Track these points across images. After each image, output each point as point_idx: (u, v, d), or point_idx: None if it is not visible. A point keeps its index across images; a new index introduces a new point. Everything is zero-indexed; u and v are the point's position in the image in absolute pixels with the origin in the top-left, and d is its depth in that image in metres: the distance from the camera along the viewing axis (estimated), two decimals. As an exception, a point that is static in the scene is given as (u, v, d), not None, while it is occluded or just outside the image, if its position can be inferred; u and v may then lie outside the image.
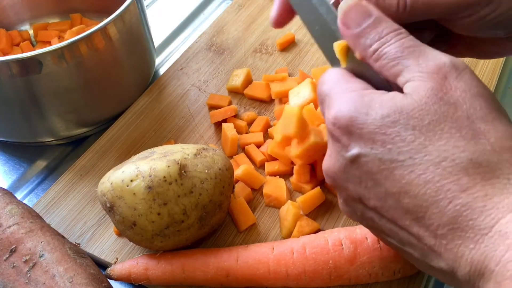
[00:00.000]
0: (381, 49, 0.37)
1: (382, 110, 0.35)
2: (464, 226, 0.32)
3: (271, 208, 0.61)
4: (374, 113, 0.36)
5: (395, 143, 0.35)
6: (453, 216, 0.33)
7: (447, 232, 0.33)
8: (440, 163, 0.33)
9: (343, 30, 0.39)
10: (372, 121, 0.36)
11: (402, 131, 0.35)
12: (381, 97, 0.36)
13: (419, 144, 0.34)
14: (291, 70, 0.77)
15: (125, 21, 0.68)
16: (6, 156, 0.73)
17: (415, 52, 0.37)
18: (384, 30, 0.38)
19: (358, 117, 0.36)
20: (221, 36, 0.84)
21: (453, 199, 0.33)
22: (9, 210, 0.53)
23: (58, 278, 0.48)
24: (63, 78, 0.64)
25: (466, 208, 0.32)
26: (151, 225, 0.50)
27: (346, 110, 0.37)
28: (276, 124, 0.68)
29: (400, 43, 0.37)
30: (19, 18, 0.86)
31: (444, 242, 0.33)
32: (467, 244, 0.32)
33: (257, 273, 0.52)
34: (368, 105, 0.36)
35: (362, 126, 0.36)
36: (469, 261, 0.32)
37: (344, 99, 0.38)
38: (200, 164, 0.52)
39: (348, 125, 0.37)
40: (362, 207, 0.38)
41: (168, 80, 0.78)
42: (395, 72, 0.37)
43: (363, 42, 0.38)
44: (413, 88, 0.35)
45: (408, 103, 0.35)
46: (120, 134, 0.70)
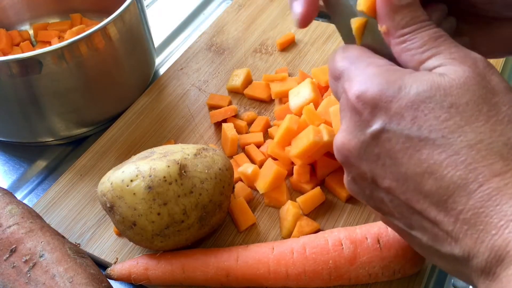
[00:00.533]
0: (413, 33, 0.36)
1: (417, 85, 0.34)
2: (489, 211, 0.31)
3: (271, 208, 0.61)
4: (408, 87, 0.34)
5: (427, 120, 0.33)
6: (481, 200, 0.31)
7: (470, 216, 0.32)
8: (475, 145, 0.32)
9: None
10: (404, 96, 0.34)
11: (438, 108, 0.33)
12: (413, 73, 0.35)
13: (454, 123, 0.33)
14: (291, 70, 0.77)
15: (125, 21, 0.68)
16: (6, 156, 0.73)
17: (447, 42, 0.36)
18: (420, 16, 0.37)
19: (388, 90, 0.35)
20: (221, 36, 0.84)
21: (484, 183, 0.32)
22: (9, 210, 0.53)
23: (58, 278, 0.48)
24: (63, 78, 0.64)
25: (496, 193, 0.31)
26: (151, 225, 0.50)
27: (375, 83, 0.35)
28: (276, 124, 0.68)
29: (433, 31, 0.36)
30: (19, 18, 0.86)
31: (465, 227, 0.32)
32: (489, 229, 0.31)
33: (257, 273, 0.52)
34: (399, 79, 0.35)
35: (392, 100, 0.34)
36: (489, 247, 0.31)
37: (371, 72, 0.36)
38: (200, 164, 0.52)
39: (375, 98, 0.35)
40: (373, 186, 0.37)
41: (168, 80, 0.78)
42: (422, 58, 0.36)
43: (398, 19, 0.37)
44: (449, 70, 0.34)
45: (446, 80, 0.34)
46: (120, 134, 0.70)
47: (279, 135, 0.62)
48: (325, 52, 0.80)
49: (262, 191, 0.60)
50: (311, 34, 0.83)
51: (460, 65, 0.34)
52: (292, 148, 0.60)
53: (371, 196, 0.38)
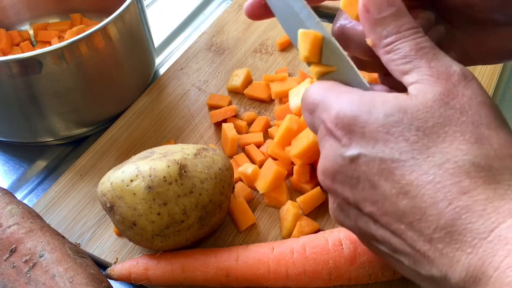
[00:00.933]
0: (396, 43, 0.37)
1: (385, 109, 0.35)
2: (462, 230, 0.32)
3: (271, 208, 0.61)
4: (377, 111, 0.35)
5: (398, 143, 0.34)
6: (451, 218, 0.32)
7: (444, 235, 0.32)
8: (442, 164, 0.33)
9: (362, 12, 0.38)
10: (375, 120, 0.35)
11: (406, 131, 0.34)
12: (383, 96, 0.36)
13: (422, 145, 0.34)
14: (291, 70, 0.77)
15: (125, 21, 0.68)
16: (6, 156, 0.73)
17: (428, 54, 0.36)
18: (404, 25, 0.37)
19: (360, 116, 0.36)
20: (221, 36, 0.84)
21: (453, 201, 0.32)
22: (9, 210, 0.53)
23: (58, 278, 0.48)
24: (63, 78, 0.64)
25: (465, 211, 0.32)
26: (151, 225, 0.50)
27: (348, 109, 0.37)
28: (276, 124, 0.68)
29: (416, 42, 0.37)
30: (19, 18, 0.86)
31: (439, 246, 0.32)
32: (464, 248, 0.31)
33: (257, 273, 0.52)
34: (370, 103, 0.36)
35: (365, 125, 0.36)
36: (466, 266, 0.31)
37: (344, 99, 0.38)
38: (200, 164, 0.52)
39: (350, 124, 0.36)
40: (357, 212, 0.38)
41: (168, 80, 0.78)
42: (404, 69, 0.37)
43: (380, 31, 0.38)
44: (420, 90, 0.35)
45: (413, 104, 0.35)
46: (120, 134, 0.70)
47: (279, 135, 0.62)
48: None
49: (262, 191, 0.60)
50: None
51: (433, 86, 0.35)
52: (292, 148, 0.60)
53: (356, 222, 0.39)
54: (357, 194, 0.37)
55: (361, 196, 0.37)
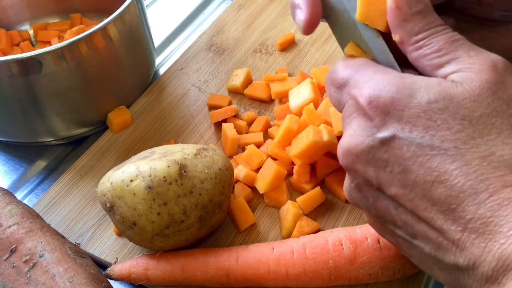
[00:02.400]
0: (429, 39, 0.36)
1: (429, 94, 0.34)
2: (499, 220, 0.31)
3: (271, 208, 0.61)
4: (420, 96, 0.34)
5: (440, 130, 0.33)
6: (491, 210, 0.32)
7: (479, 225, 0.32)
8: (487, 157, 0.33)
9: (392, 7, 0.37)
10: (417, 104, 0.34)
11: (450, 119, 0.33)
12: (425, 80, 0.35)
13: (467, 135, 0.33)
14: (291, 70, 0.77)
15: (125, 21, 0.68)
16: (6, 156, 0.73)
17: (465, 45, 0.36)
18: (434, 21, 0.37)
19: (400, 98, 0.35)
20: (221, 36, 0.84)
21: (495, 193, 0.32)
22: (9, 210, 0.53)
23: (58, 278, 0.48)
24: (63, 78, 0.64)
25: (507, 203, 0.31)
26: (151, 225, 0.50)
27: (387, 89, 0.35)
28: (276, 124, 0.68)
29: (449, 36, 0.36)
30: (19, 18, 0.86)
31: (473, 236, 0.32)
32: (498, 238, 0.31)
33: (257, 273, 0.52)
34: (411, 86, 0.35)
35: (404, 108, 0.34)
36: (497, 256, 0.31)
37: (382, 78, 0.36)
38: (200, 164, 0.52)
39: (387, 104, 0.35)
40: (378, 194, 0.37)
41: (168, 80, 0.78)
42: (440, 62, 0.36)
43: (410, 27, 0.37)
44: (465, 78, 0.34)
45: (459, 91, 0.34)
46: (120, 134, 0.71)
47: (279, 135, 0.62)
48: (325, 52, 0.80)
49: (262, 191, 0.60)
50: (311, 34, 0.82)
51: (477, 74, 0.34)
52: (292, 148, 0.60)
53: (374, 204, 0.38)
54: (383, 176, 0.36)
55: (387, 178, 0.36)
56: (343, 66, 0.40)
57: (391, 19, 0.38)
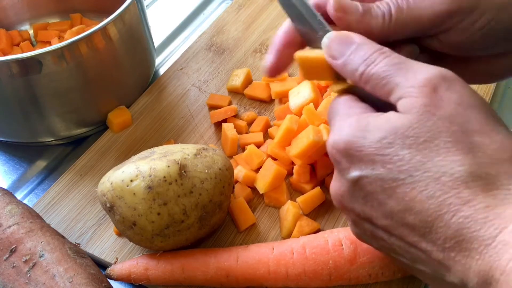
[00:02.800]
0: (368, 71, 0.38)
1: (379, 132, 0.36)
2: (469, 238, 0.32)
3: (271, 208, 0.61)
4: (371, 136, 0.36)
5: (394, 163, 0.35)
6: (457, 228, 0.33)
7: (454, 244, 0.33)
8: (439, 178, 0.34)
9: (331, 61, 0.40)
10: (370, 144, 0.36)
11: (399, 150, 0.35)
12: (376, 119, 0.37)
13: (417, 161, 0.34)
14: (291, 70, 0.77)
15: (125, 21, 0.68)
16: (6, 156, 0.73)
17: (402, 68, 0.37)
18: (367, 52, 0.39)
19: (355, 141, 0.37)
20: (221, 36, 0.84)
21: (456, 212, 0.33)
22: (9, 210, 0.53)
23: (58, 278, 0.48)
24: (63, 78, 0.64)
25: (469, 220, 0.33)
26: (151, 225, 0.50)
27: (343, 134, 0.38)
28: (276, 124, 0.68)
29: (386, 61, 0.38)
30: (19, 18, 0.86)
31: (452, 255, 0.33)
32: (473, 255, 0.32)
33: (257, 273, 0.52)
34: (364, 128, 0.37)
35: (361, 149, 0.37)
36: (477, 272, 0.32)
37: (342, 124, 0.39)
38: (200, 164, 0.52)
39: (346, 148, 0.37)
40: (372, 227, 0.39)
41: (168, 80, 0.78)
42: (387, 91, 0.38)
43: (350, 68, 0.39)
44: (406, 106, 0.36)
45: (402, 123, 0.36)
46: (120, 134, 0.71)
47: (279, 135, 0.62)
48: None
49: (262, 191, 0.60)
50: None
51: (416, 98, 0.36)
52: (292, 148, 0.60)
53: (373, 236, 0.39)
54: (368, 211, 0.38)
55: (371, 212, 0.38)
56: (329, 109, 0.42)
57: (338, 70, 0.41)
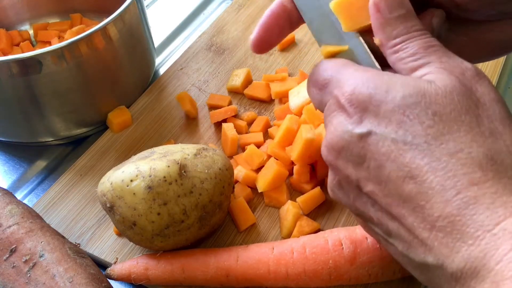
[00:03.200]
0: (406, 43, 0.37)
1: (404, 90, 0.35)
2: (466, 220, 0.31)
3: (271, 208, 0.61)
4: (395, 91, 0.35)
5: (412, 125, 0.34)
6: (458, 207, 0.32)
7: (446, 224, 0.32)
8: (455, 153, 0.33)
9: (373, 11, 0.39)
10: (392, 99, 0.35)
11: (422, 114, 0.34)
12: (402, 78, 0.36)
13: (437, 131, 0.33)
14: (291, 70, 0.77)
15: (125, 21, 0.68)
16: (6, 156, 0.73)
17: (438, 52, 0.37)
18: (413, 26, 0.38)
19: (377, 94, 0.35)
20: (221, 36, 0.84)
21: (462, 191, 0.32)
22: (9, 210, 0.53)
23: (58, 278, 0.48)
24: (63, 78, 0.64)
25: (474, 201, 0.32)
26: (151, 225, 0.50)
27: (365, 86, 0.36)
28: (276, 124, 0.68)
29: (425, 41, 0.37)
30: (19, 18, 0.86)
31: (440, 235, 0.32)
32: (465, 239, 0.31)
33: (257, 273, 0.52)
34: (388, 83, 0.36)
35: (380, 104, 0.35)
36: (465, 257, 0.31)
37: (360, 76, 0.37)
38: (200, 164, 0.52)
39: (365, 101, 0.36)
40: (357, 191, 0.37)
41: (168, 80, 0.78)
42: (413, 66, 0.37)
43: (389, 31, 0.38)
44: (437, 77, 0.35)
45: (432, 88, 0.34)
46: (120, 134, 0.71)
47: (279, 135, 0.62)
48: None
49: (261, 190, 0.60)
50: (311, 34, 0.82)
51: (448, 75, 0.35)
52: (293, 151, 0.60)
53: (354, 201, 0.38)
54: (360, 172, 0.36)
55: (363, 175, 0.36)
56: (325, 67, 0.40)
57: (373, 22, 0.39)
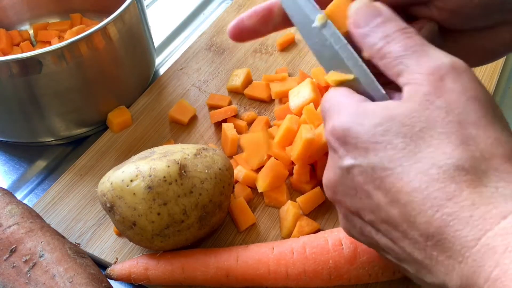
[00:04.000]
0: (386, 47, 0.37)
1: (375, 119, 0.35)
2: (451, 237, 0.31)
3: (271, 208, 0.61)
4: (367, 122, 0.36)
5: (386, 151, 0.34)
6: (440, 226, 0.31)
7: (435, 243, 0.32)
8: (428, 170, 0.33)
9: (352, 28, 0.39)
10: (366, 131, 0.35)
11: (394, 139, 0.34)
12: (374, 106, 0.37)
13: (409, 151, 0.34)
14: (291, 70, 0.77)
15: (125, 21, 0.68)
16: (6, 156, 0.73)
17: (417, 51, 0.36)
18: (391, 28, 0.38)
19: (352, 127, 0.36)
20: (221, 36, 0.84)
21: (440, 208, 0.32)
22: (9, 210, 0.53)
23: (58, 278, 0.48)
24: (63, 78, 0.64)
25: (452, 218, 0.31)
26: (151, 225, 0.50)
27: (342, 121, 0.37)
28: (276, 124, 0.68)
29: (404, 42, 0.37)
30: (19, 18, 0.86)
31: (434, 254, 0.32)
32: (455, 257, 0.31)
33: (257, 273, 0.52)
34: (362, 115, 0.36)
35: (357, 136, 0.36)
36: (460, 275, 0.31)
37: (342, 111, 0.38)
38: (200, 164, 0.52)
39: (344, 135, 0.37)
40: (361, 221, 0.38)
41: (168, 80, 0.78)
42: (397, 71, 0.37)
43: (370, 40, 0.38)
44: (409, 92, 0.35)
45: (401, 111, 0.35)
46: (120, 134, 0.71)
47: (279, 135, 0.62)
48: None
49: (261, 190, 0.60)
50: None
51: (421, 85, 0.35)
52: (292, 151, 0.60)
53: (361, 231, 0.39)
54: (356, 203, 0.37)
55: (360, 206, 0.37)
56: (324, 100, 0.41)
57: (356, 38, 0.39)
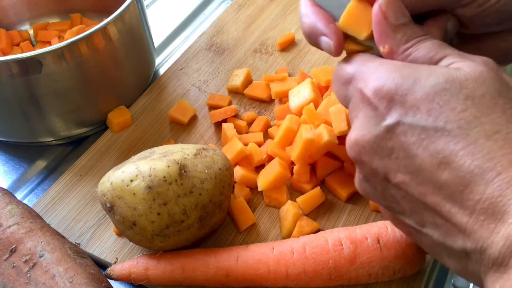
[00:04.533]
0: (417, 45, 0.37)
1: (432, 77, 0.34)
2: (507, 200, 0.31)
3: (271, 208, 0.61)
4: (423, 80, 0.35)
5: (443, 112, 0.33)
6: (499, 189, 0.31)
7: (488, 206, 0.31)
8: (492, 135, 0.32)
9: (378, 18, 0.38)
10: (420, 88, 0.34)
11: (453, 100, 0.33)
12: (429, 67, 0.36)
13: (470, 114, 0.33)
14: (291, 70, 0.77)
15: (125, 21, 0.68)
16: (6, 156, 0.73)
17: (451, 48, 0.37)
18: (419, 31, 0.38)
19: (404, 84, 0.35)
20: (221, 36, 0.84)
21: (502, 172, 0.31)
22: (9, 210, 0.53)
23: (58, 278, 0.48)
24: (63, 78, 0.64)
25: None
26: (151, 225, 0.50)
27: (391, 78, 0.36)
28: (276, 124, 0.68)
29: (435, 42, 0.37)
30: (19, 18, 0.86)
31: (481, 218, 0.32)
32: (507, 218, 0.31)
33: (257, 273, 0.52)
34: (415, 72, 0.35)
35: (407, 93, 0.35)
36: (505, 236, 0.30)
37: (386, 68, 0.37)
38: (200, 164, 0.52)
39: (391, 91, 0.35)
40: (385, 183, 0.37)
41: (168, 80, 0.78)
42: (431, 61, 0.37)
43: (399, 37, 0.38)
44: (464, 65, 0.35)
45: (461, 73, 0.34)
46: (120, 134, 0.71)
47: (279, 135, 0.62)
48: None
49: (261, 189, 0.60)
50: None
51: (473, 62, 0.35)
52: (292, 151, 0.60)
53: (382, 194, 0.38)
54: (389, 164, 0.36)
55: (393, 166, 0.36)
56: (349, 62, 0.40)
57: (378, 29, 0.39)
